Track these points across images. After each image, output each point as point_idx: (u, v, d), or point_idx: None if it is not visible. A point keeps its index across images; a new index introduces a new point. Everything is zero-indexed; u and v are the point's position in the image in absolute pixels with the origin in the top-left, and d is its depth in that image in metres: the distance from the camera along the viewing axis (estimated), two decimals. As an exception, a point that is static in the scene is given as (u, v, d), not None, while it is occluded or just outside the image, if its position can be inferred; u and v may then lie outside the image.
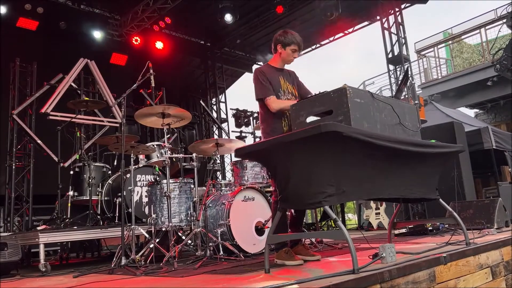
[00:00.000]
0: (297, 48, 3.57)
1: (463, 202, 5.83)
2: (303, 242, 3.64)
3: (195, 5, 9.39)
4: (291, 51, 3.57)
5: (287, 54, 3.59)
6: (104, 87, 8.62)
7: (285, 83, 3.61)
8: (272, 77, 3.54)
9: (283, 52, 3.59)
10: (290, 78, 3.71)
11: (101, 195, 5.51)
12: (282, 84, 3.58)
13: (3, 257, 4.18)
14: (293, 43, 3.55)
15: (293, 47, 3.56)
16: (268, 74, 3.53)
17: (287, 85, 3.62)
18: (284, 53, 3.59)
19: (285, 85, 3.60)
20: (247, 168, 4.95)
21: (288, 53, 3.58)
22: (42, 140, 7.52)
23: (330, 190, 2.53)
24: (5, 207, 7.34)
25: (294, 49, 3.57)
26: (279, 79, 3.58)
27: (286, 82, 3.62)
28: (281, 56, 3.62)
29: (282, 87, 3.57)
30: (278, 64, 3.67)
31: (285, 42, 3.56)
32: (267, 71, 3.58)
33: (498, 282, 3.26)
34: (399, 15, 9.47)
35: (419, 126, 3.33)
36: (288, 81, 3.66)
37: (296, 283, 2.24)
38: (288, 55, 3.59)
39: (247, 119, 11.46)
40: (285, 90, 3.58)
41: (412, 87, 8.79)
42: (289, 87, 3.63)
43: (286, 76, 3.67)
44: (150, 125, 4.89)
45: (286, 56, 3.60)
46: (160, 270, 3.57)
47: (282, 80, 3.60)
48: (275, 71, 3.62)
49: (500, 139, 8.36)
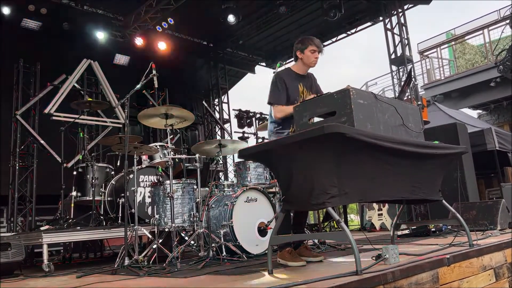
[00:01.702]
0: (315, 48, 3.59)
1: (466, 203, 5.81)
2: (305, 243, 3.65)
3: (198, 6, 9.39)
4: (310, 53, 3.60)
5: (307, 57, 3.62)
6: (107, 88, 8.65)
7: (304, 90, 3.64)
8: (291, 83, 3.58)
9: (303, 56, 3.63)
10: (310, 83, 3.74)
11: (104, 196, 5.52)
12: (301, 92, 3.62)
13: (6, 257, 4.19)
14: (310, 44, 3.59)
15: (311, 48, 3.59)
16: (287, 81, 3.57)
17: (305, 93, 3.64)
18: (304, 56, 3.63)
19: (303, 92, 3.63)
20: (250, 169, 4.96)
21: (308, 56, 3.61)
22: (46, 140, 7.55)
23: (333, 191, 2.53)
24: (8, 207, 7.37)
25: (313, 50, 3.59)
26: (298, 86, 3.62)
27: (304, 89, 3.65)
28: (303, 61, 3.65)
29: (300, 95, 3.60)
30: (300, 70, 3.70)
31: (302, 47, 3.61)
32: (287, 77, 3.61)
33: (501, 283, 3.25)
34: (402, 16, 9.46)
35: (422, 127, 3.33)
36: (307, 88, 3.68)
37: (299, 284, 2.24)
38: (309, 57, 3.61)
39: (249, 119, 11.47)
40: (303, 98, 3.58)
41: (415, 88, 8.78)
42: (307, 94, 3.64)
43: (306, 82, 3.70)
44: (153, 125, 4.90)
45: (307, 59, 3.63)
46: (163, 270, 3.57)
47: (301, 87, 3.64)
48: (295, 77, 3.66)
49: (503, 140, 8.35)
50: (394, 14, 9.47)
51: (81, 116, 6.91)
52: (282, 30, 11.17)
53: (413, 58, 9.48)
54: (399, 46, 9.28)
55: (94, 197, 5.30)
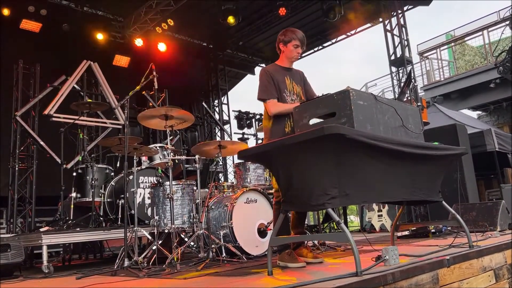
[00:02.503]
0: (298, 43, 3.57)
1: (466, 205, 5.81)
2: (305, 245, 3.64)
3: (197, 7, 9.40)
4: (293, 47, 3.58)
5: (290, 51, 3.59)
6: (107, 89, 8.64)
7: (291, 83, 3.60)
8: (277, 76, 3.54)
9: (285, 49, 3.60)
10: (298, 78, 3.70)
11: (104, 197, 5.52)
12: (288, 84, 3.58)
13: (6, 258, 4.19)
14: (293, 39, 3.56)
15: (294, 42, 3.56)
16: (273, 74, 3.53)
17: (293, 85, 3.60)
18: (287, 50, 3.60)
19: (291, 85, 3.59)
20: (249, 170, 4.96)
21: (290, 50, 3.59)
22: (45, 141, 7.54)
23: (333, 193, 2.53)
24: (8, 209, 7.36)
25: (295, 45, 3.57)
26: (284, 79, 3.57)
27: (292, 82, 3.61)
28: (285, 54, 3.63)
29: (288, 88, 3.56)
30: (285, 63, 3.66)
31: (285, 39, 3.58)
32: (273, 71, 3.58)
33: (501, 284, 3.25)
34: (401, 17, 9.46)
35: (422, 128, 3.33)
36: (295, 81, 3.64)
37: (299, 286, 2.24)
38: (291, 52, 3.59)
39: (249, 120, 11.49)
40: (291, 91, 3.57)
41: (414, 89, 8.78)
42: (296, 87, 3.61)
43: (293, 76, 3.66)
44: (153, 127, 4.90)
45: (290, 53, 3.60)
46: (163, 272, 3.57)
47: (288, 80, 3.59)
48: (281, 70, 3.62)
49: (503, 141, 8.35)
50: (394, 15, 9.47)
51: (80, 117, 6.91)
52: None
53: (412, 59, 9.48)
54: (398, 47, 9.28)
55: (94, 198, 5.30)
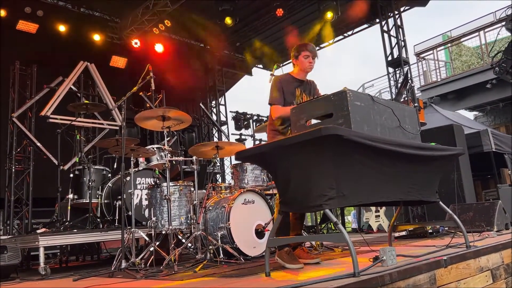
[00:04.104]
0: (308, 53, 3.67)
1: (463, 205, 5.83)
2: (303, 246, 3.65)
3: (195, 8, 9.39)
4: (304, 58, 3.69)
5: (301, 63, 3.71)
6: (104, 90, 8.61)
7: (300, 94, 3.73)
8: (288, 87, 3.68)
9: (297, 62, 3.73)
10: (309, 89, 3.82)
11: (101, 198, 5.51)
12: (297, 96, 3.70)
13: (2, 260, 4.17)
14: (303, 50, 3.68)
15: (304, 53, 3.68)
16: (284, 84, 3.67)
17: (302, 97, 3.72)
18: (299, 63, 3.72)
19: (300, 97, 3.71)
20: (247, 171, 4.95)
21: (302, 61, 3.70)
22: (42, 143, 7.50)
23: (330, 193, 2.53)
24: (4, 210, 7.32)
25: (306, 55, 3.68)
26: (295, 90, 3.70)
27: (302, 94, 3.74)
28: (299, 67, 3.74)
29: (297, 99, 3.68)
30: (299, 75, 3.77)
31: (296, 54, 3.72)
32: (285, 81, 3.71)
33: (498, 284, 3.26)
34: (398, 18, 9.49)
35: (419, 129, 3.34)
36: (306, 93, 3.76)
37: (296, 287, 2.24)
38: (303, 63, 3.70)
39: (246, 121, 11.46)
40: (300, 102, 3.65)
41: (411, 89, 8.80)
42: (305, 99, 3.71)
43: (304, 88, 3.78)
44: (150, 128, 4.89)
45: (302, 65, 3.71)
46: (160, 273, 3.56)
47: (298, 91, 3.72)
48: (293, 81, 3.74)
49: (499, 142, 8.37)
50: (391, 16, 9.50)
51: (77, 119, 6.89)
52: (279, 32, 11.18)
53: (409, 60, 9.50)
54: (395, 48, 9.30)
55: (91, 199, 5.29)
